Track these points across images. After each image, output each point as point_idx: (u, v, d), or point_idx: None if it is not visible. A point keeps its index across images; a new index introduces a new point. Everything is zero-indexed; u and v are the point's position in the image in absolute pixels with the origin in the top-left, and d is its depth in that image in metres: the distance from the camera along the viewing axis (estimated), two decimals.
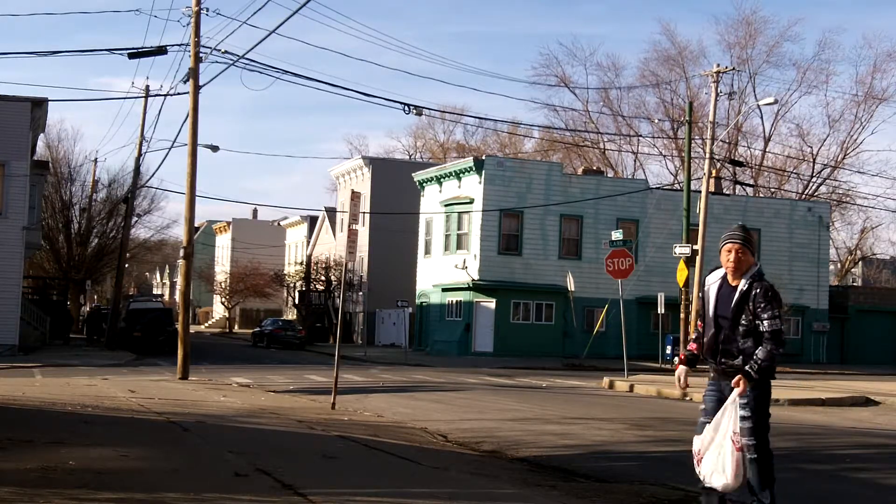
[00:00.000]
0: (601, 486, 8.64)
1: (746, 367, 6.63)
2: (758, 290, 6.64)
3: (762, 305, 6.62)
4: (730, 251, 6.75)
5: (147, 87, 41.13)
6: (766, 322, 6.60)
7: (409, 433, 12.48)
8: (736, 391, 6.58)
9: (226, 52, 23.62)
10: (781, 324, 6.70)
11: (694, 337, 7.19)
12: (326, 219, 64.47)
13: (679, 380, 7.21)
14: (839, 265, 69.57)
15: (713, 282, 6.94)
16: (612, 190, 44.36)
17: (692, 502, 7.55)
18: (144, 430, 11.27)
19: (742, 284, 6.70)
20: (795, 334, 46.64)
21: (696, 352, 7.07)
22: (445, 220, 44.55)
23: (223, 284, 73.80)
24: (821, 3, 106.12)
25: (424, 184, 47.45)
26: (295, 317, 60.81)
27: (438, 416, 15.04)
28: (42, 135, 43.92)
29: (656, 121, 61.16)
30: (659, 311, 36.61)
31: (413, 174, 49.37)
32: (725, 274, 6.87)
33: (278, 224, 78.97)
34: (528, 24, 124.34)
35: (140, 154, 41.86)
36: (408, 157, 79.72)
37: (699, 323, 7.11)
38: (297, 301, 61.31)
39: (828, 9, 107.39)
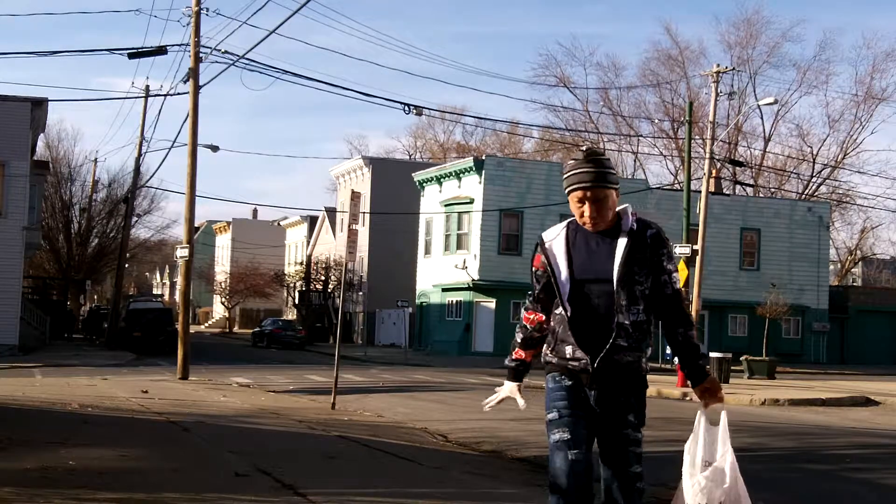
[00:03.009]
0: None
1: (701, 363, 4.47)
2: (653, 233, 4.27)
3: (665, 254, 4.29)
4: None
5: (147, 87, 41.21)
6: (674, 278, 4.31)
7: (409, 433, 12.47)
8: (724, 414, 4.41)
9: (226, 52, 23.68)
10: None
11: (521, 338, 4.49)
12: (326, 219, 64.49)
13: (496, 401, 4.59)
14: (839, 265, 69.58)
15: (553, 237, 4.36)
16: None
17: None
18: (144, 430, 11.26)
19: (629, 224, 4.27)
20: (795, 334, 46.68)
21: (528, 360, 4.51)
22: (445, 220, 44.56)
23: (223, 284, 73.80)
24: (821, 4, 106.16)
25: (424, 184, 47.45)
26: (295, 317, 60.82)
27: (438, 416, 15.03)
28: (42, 135, 43.94)
29: (656, 121, 61.23)
30: None
31: (413, 174, 49.37)
32: (571, 223, 4.38)
33: (278, 224, 78.96)
34: (528, 25, 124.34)
35: (140, 154, 41.93)
36: (408, 157, 79.74)
37: (536, 314, 4.43)
38: (297, 301, 61.32)
39: (828, 9, 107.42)
